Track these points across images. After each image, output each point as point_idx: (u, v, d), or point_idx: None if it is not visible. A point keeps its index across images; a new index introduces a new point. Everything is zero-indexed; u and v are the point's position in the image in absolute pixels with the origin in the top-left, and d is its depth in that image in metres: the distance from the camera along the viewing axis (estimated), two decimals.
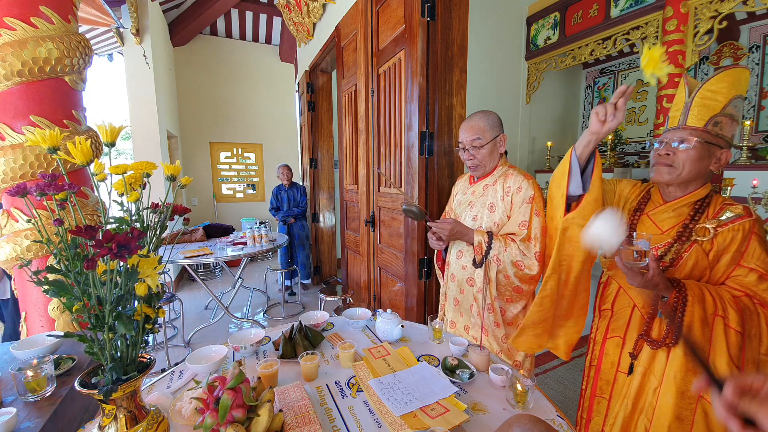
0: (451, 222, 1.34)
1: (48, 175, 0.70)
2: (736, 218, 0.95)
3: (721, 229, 0.96)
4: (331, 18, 3.22)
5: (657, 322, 1.02)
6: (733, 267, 0.96)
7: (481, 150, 1.37)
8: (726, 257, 0.96)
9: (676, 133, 0.99)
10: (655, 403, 0.99)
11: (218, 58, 5.76)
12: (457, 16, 1.82)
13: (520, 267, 1.26)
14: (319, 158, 4.40)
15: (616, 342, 1.13)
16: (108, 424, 0.67)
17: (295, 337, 1.19)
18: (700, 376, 0.52)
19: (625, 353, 1.09)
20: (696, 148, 0.96)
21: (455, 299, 1.49)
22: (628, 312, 1.11)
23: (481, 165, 1.40)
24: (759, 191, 2.91)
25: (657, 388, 1.00)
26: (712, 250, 0.97)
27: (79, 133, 1.53)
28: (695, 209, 1.01)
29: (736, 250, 0.95)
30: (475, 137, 1.36)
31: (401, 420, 0.83)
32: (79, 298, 0.63)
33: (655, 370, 1.01)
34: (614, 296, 1.16)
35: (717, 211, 0.99)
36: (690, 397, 0.95)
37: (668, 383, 0.97)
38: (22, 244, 1.42)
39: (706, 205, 1.01)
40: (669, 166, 1.00)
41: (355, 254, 2.96)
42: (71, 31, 1.50)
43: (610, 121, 0.94)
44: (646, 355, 1.03)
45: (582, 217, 1.06)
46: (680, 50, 2.83)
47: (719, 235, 0.96)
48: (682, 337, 0.58)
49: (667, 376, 0.97)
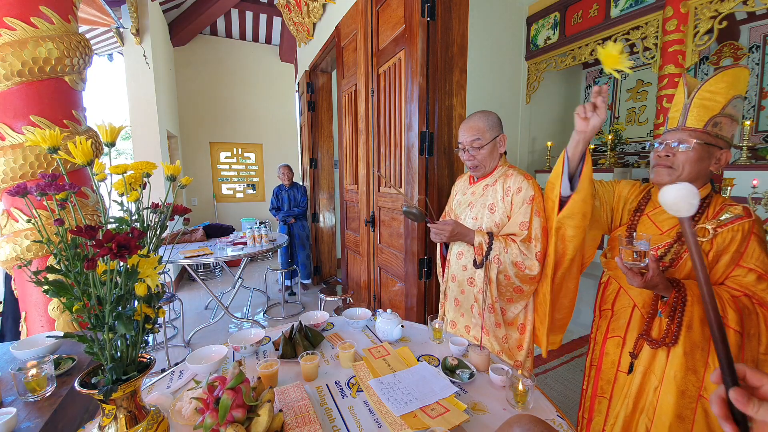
0: (451, 223, 1.34)
1: (48, 175, 0.70)
2: (736, 219, 0.96)
3: (720, 229, 0.96)
4: (331, 18, 3.22)
5: (657, 321, 1.03)
6: (732, 267, 0.96)
7: (481, 151, 1.37)
8: (725, 257, 0.96)
9: (676, 134, 0.99)
10: (656, 402, 1.00)
11: (218, 58, 5.76)
12: (457, 16, 1.82)
13: (521, 267, 1.26)
14: (319, 158, 4.40)
15: (616, 342, 1.13)
16: (108, 424, 0.67)
17: (295, 337, 1.19)
18: (718, 369, 0.51)
19: (625, 353, 1.10)
20: (695, 149, 0.96)
21: (456, 299, 1.49)
22: (628, 312, 1.11)
23: (481, 165, 1.40)
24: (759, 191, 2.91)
25: (657, 387, 1.00)
26: (712, 251, 0.97)
27: (79, 133, 1.53)
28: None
29: (735, 251, 0.95)
30: (474, 138, 1.36)
31: (401, 420, 0.83)
32: (79, 298, 0.63)
33: (655, 369, 1.01)
34: (615, 296, 1.16)
35: (717, 212, 0.99)
36: (690, 396, 0.95)
37: (668, 383, 0.97)
38: (22, 244, 1.42)
39: (706, 206, 1.01)
40: (669, 167, 1.00)
41: (355, 254, 2.96)
42: (71, 31, 1.50)
43: (592, 118, 0.97)
44: (646, 354, 1.03)
45: (570, 216, 1.09)
46: (680, 50, 2.83)
47: (719, 236, 0.96)
48: (711, 326, 0.57)
49: (668, 375, 0.97)
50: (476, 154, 1.38)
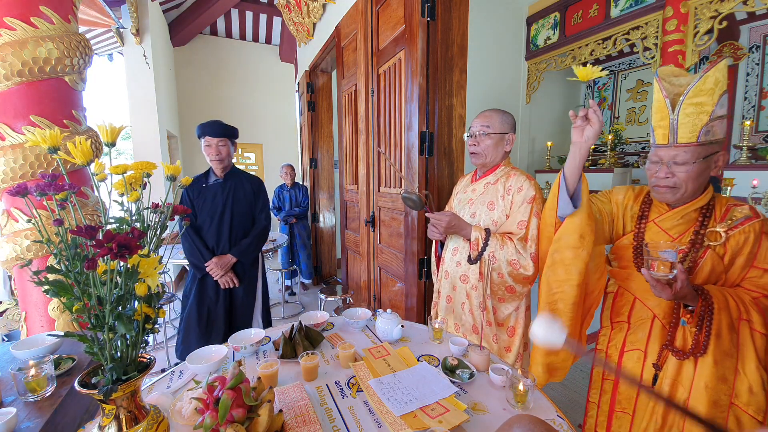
0: (449, 215, 1.34)
1: (48, 175, 0.70)
2: (746, 220, 0.94)
3: (731, 232, 0.95)
4: (331, 18, 3.22)
5: (680, 331, 0.99)
6: (747, 269, 0.95)
7: (486, 139, 1.37)
8: (740, 260, 0.95)
9: (669, 152, 0.96)
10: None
11: (218, 58, 5.75)
12: (457, 16, 1.82)
13: (516, 266, 1.26)
14: (319, 158, 4.40)
15: (637, 355, 1.08)
16: (108, 424, 0.67)
17: (295, 337, 1.19)
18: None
19: (647, 365, 1.05)
20: (695, 165, 0.94)
21: (447, 297, 1.49)
22: (647, 324, 1.06)
23: (483, 154, 1.40)
24: (759, 191, 2.91)
25: (686, 399, 0.96)
26: (727, 254, 0.96)
27: (79, 133, 1.53)
28: (702, 213, 0.99)
29: (749, 252, 0.94)
30: (484, 124, 1.37)
31: (401, 420, 0.83)
32: (79, 298, 0.63)
33: (683, 380, 0.97)
34: (630, 308, 1.11)
35: (724, 213, 0.97)
36: (723, 405, 0.92)
37: (699, 393, 0.93)
38: (22, 244, 1.42)
39: (712, 208, 0.99)
40: (671, 187, 0.97)
41: (355, 254, 2.96)
42: (71, 31, 1.50)
43: (586, 129, 0.96)
44: (671, 366, 0.99)
45: (568, 234, 1.06)
46: (680, 50, 2.82)
47: (731, 238, 0.95)
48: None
49: (697, 386, 0.93)
50: (481, 141, 1.38)
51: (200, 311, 1.97)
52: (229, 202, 1.99)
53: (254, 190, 2.10)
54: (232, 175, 2.06)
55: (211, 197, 1.99)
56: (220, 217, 1.98)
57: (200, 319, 1.97)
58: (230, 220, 1.99)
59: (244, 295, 2.05)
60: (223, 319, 1.99)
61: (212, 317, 1.99)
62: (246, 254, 2.01)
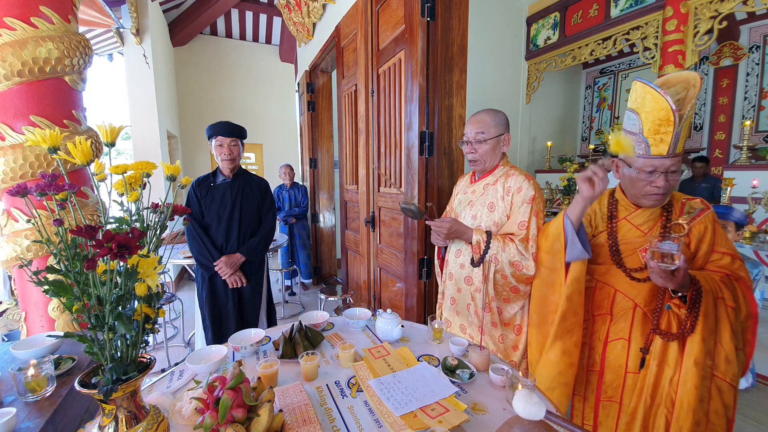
0: (449, 221, 1.34)
1: (48, 175, 0.70)
2: (701, 212, 1.08)
3: (692, 223, 1.07)
4: (331, 18, 3.22)
5: (665, 315, 1.06)
6: (710, 254, 1.07)
7: (483, 145, 1.37)
8: (704, 246, 1.07)
9: (664, 163, 1.02)
10: (674, 393, 1.01)
11: (218, 58, 5.76)
12: (457, 16, 1.82)
13: (518, 267, 1.27)
14: (319, 158, 4.40)
15: (621, 344, 1.13)
16: (108, 424, 0.67)
17: (295, 337, 1.19)
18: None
19: (632, 352, 1.10)
20: (680, 172, 1.04)
21: (452, 298, 1.49)
22: (629, 313, 1.12)
23: (481, 160, 1.40)
24: (759, 191, 2.91)
25: (673, 377, 1.02)
26: (692, 243, 1.08)
27: (79, 133, 1.53)
28: (665, 209, 1.11)
29: (710, 240, 1.07)
30: (479, 131, 1.37)
31: (401, 420, 0.83)
32: (79, 298, 0.63)
33: (669, 360, 1.04)
34: (611, 300, 1.17)
35: (681, 207, 1.09)
36: (708, 377, 0.99)
37: (688, 370, 0.99)
38: (22, 244, 1.42)
39: (671, 204, 1.11)
40: (664, 194, 1.05)
41: (355, 254, 2.96)
42: (71, 31, 1.50)
43: (597, 185, 1.03)
44: (658, 347, 1.06)
45: (577, 280, 1.13)
46: (680, 50, 2.83)
47: (693, 228, 1.07)
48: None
49: (686, 364, 1.00)
50: (478, 147, 1.38)
51: (213, 312, 2.01)
52: (239, 201, 2.00)
53: (261, 191, 2.12)
54: (240, 175, 2.08)
55: (219, 197, 2.00)
56: (230, 216, 1.99)
57: (214, 319, 2.00)
58: (239, 219, 2.00)
59: (252, 295, 2.06)
60: (233, 318, 2.01)
61: (224, 317, 2.02)
62: (254, 253, 2.02)
